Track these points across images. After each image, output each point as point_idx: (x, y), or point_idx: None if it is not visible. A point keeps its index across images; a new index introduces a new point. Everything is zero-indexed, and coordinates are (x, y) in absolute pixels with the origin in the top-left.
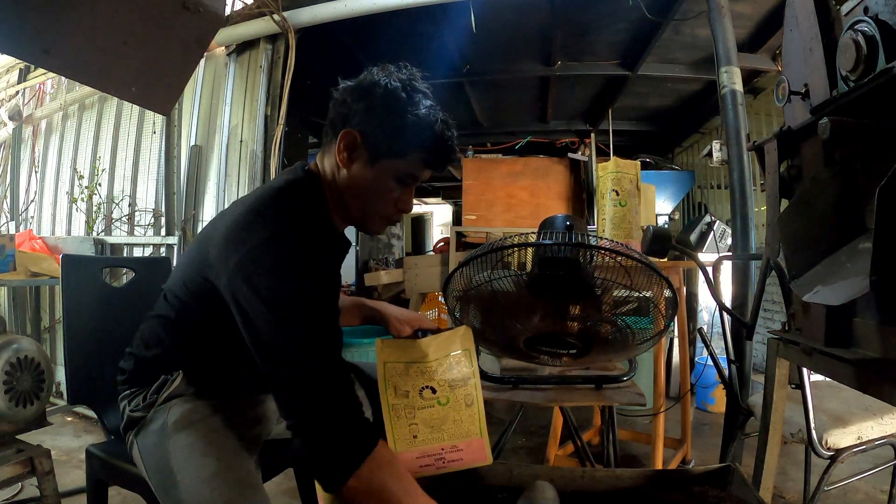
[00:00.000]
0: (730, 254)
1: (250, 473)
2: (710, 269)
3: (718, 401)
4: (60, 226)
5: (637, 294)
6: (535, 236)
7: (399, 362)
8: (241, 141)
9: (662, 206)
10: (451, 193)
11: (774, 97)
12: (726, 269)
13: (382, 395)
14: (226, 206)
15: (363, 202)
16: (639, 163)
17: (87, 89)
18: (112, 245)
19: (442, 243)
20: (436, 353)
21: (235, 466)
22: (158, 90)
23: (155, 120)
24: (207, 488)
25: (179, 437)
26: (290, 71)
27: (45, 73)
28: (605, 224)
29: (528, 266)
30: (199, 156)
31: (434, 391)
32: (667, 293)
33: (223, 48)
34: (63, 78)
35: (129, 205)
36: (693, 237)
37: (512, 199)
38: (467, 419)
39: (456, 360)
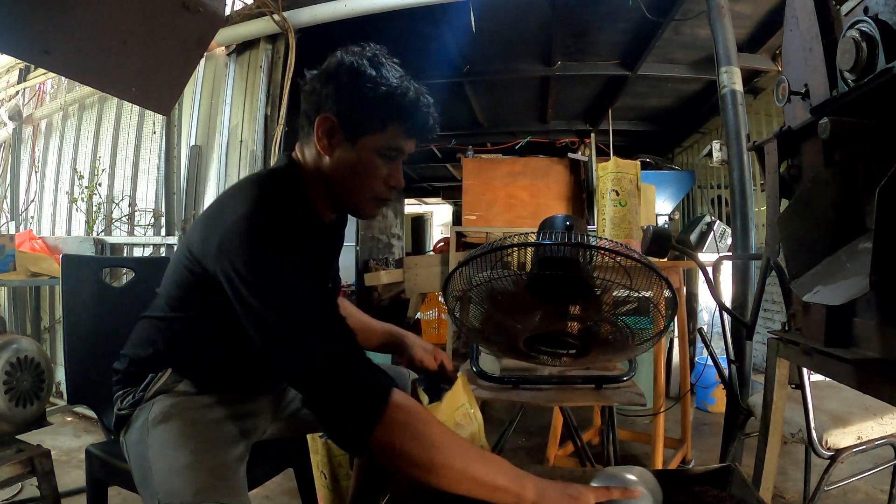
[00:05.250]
0: (730, 254)
1: (225, 464)
2: (710, 269)
3: (718, 401)
4: (60, 226)
5: (637, 294)
6: (534, 236)
7: None
8: (241, 141)
9: (662, 206)
10: (451, 193)
11: (774, 97)
12: (726, 269)
13: None
14: None
15: (352, 185)
16: (639, 163)
17: (87, 89)
18: (112, 245)
19: (442, 243)
20: (444, 413)
21: (208, 458)
22: (158, 90)
23: (155, 120)
24: (177, 479)
25: (157, 430)
26: (290, 71)
27: (45, 73)
28: (605, 224)
29: (528, 266)
30: (199, 156)
31: None
32: (666, 293)
33: (223, 48)
34: (63, 78)
35: (129, 205)
36: (693, 237)
37: (512, 199)
38: None
39: (462, 414)
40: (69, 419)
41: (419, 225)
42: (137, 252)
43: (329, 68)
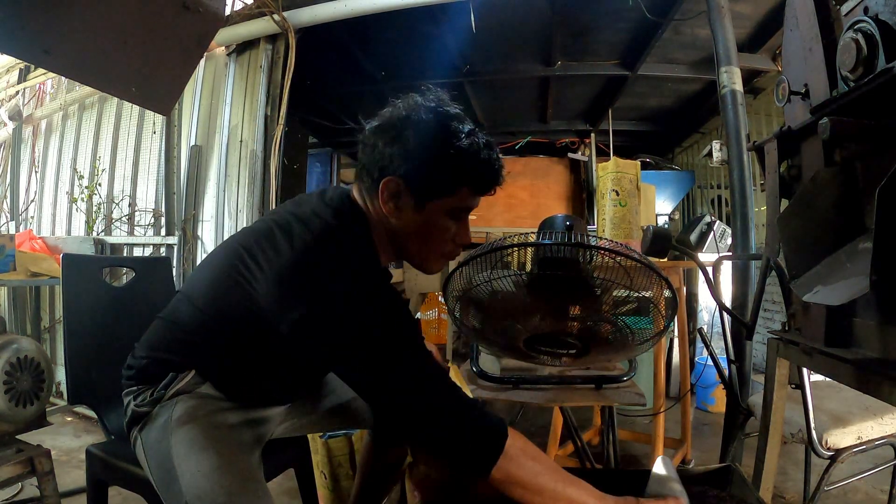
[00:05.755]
0: (730, 254)
1: (251, 467)
2: (710, 269)
3: (718, 401)
4: (60, 226)
5: (637, 294)
6: (534, 236)
7: None
8: (241, 141)
9: (662, 206)
10: None
11: (774, 97)
12: (726, 269)
13: None
14: (226, 207)
15: (420, 245)
16: (639, 163)
17: (87, 89)
18: (112, 245)
19: None
20: None
21: (236, 461)
22: (158, 90)
23: (155, 120)
24: (207, 482)
25: (181, 431)
26: (290, 71)
27: (45, 73)
28: (605, 224)
29: (528, 266)
30: (199, 156)
31: None
32: (666, 293)
33: (223, 48)
34: (63, 78)
35: (129, 205)
36: (693, 237)
37: (512, 199)
38: None
39: None
40: (69, 419)
41: None
42: (137, 252)
43: (391, 124)
